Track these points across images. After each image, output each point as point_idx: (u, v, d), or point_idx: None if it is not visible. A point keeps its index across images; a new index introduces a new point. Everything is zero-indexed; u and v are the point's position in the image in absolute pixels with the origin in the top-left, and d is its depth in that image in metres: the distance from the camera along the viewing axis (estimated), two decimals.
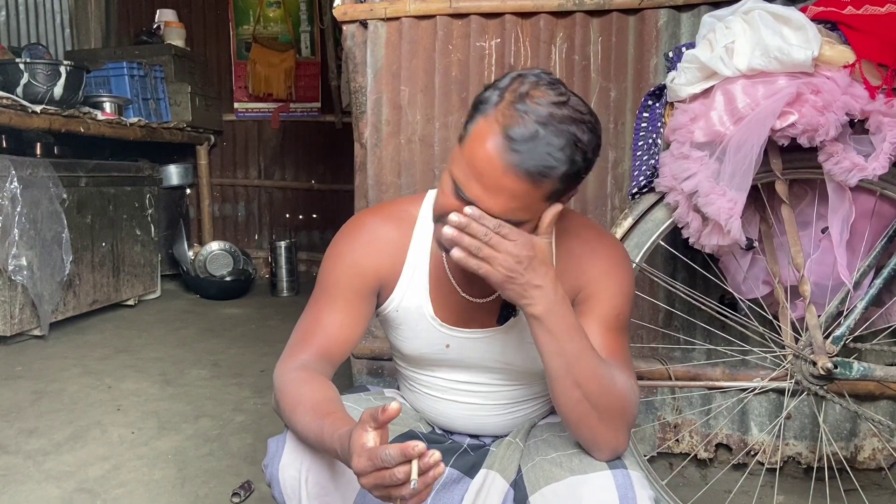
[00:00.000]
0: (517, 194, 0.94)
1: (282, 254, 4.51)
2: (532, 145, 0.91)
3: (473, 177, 0.95)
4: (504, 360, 1.18)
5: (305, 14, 5.00)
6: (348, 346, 1.15)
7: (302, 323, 1.16)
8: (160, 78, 4.35)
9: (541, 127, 0.92)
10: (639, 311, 1.88)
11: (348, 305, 1.14)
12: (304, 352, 1.11)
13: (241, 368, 2.87)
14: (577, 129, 0.94)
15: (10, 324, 3.00)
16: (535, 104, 0.93)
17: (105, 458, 2.01)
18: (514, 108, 0.93)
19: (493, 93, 0.97)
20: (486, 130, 0.94)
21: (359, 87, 2.01)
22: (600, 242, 1.16)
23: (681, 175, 1.48)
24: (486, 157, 0.93)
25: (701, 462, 1.96)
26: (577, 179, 0.98)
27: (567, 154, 0.93)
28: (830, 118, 1.35)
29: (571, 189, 0.99)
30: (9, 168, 2.92)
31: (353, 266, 1.15)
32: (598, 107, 1.90)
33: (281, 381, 1.08)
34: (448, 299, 1.16)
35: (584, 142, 0.95)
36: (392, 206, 1.22)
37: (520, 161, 0.92)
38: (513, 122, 0.92)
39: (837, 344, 1.50)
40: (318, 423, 0.96)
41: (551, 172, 0.93)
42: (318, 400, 1.01)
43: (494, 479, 1.10)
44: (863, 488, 1.75)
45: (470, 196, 0.96)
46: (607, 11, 1.87)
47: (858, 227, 1.51)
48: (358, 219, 1.21)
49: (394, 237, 1.17)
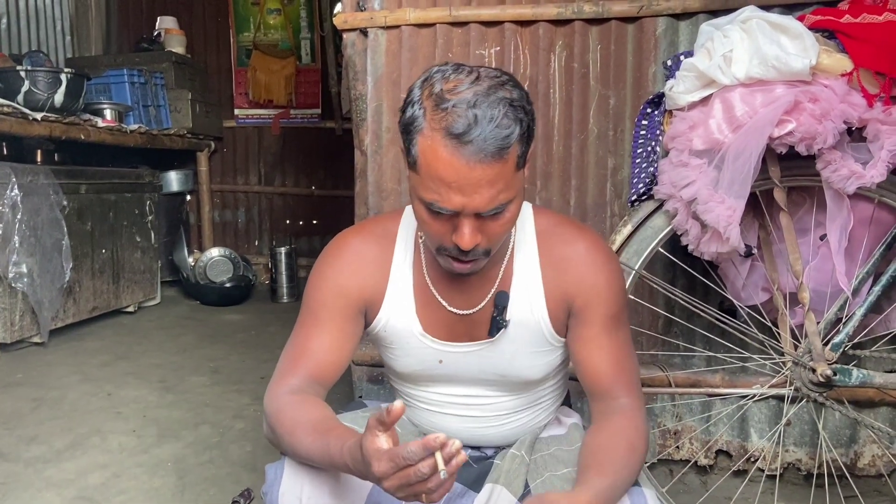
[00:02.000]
0: (493, 179, 0.93)
1: (282, 260, 4.51)
2: (479, 129, 0.91)
3: (447, 190, 0.94)
4: (499, 371, 1.16)
5: (306, 21, 5.02)
6: (338, 368, 1.14)
7: (289, 348, 1.15)
8: (161, 85, 4.36)
9: (475, 109, 0.91)
10: (639, 318, 1.89)
11: (335, 327, 1.13)
12: (294, 377, 1.10)
13: (242, 375, 2.87)
14: (505, 92, 0.94)
15: (10, 331, 2.99)
16: (455, 94, 0.93)
17: (105, 466, 2.01)
18: (440, 109, 0.93)
19: (413, 110, 0.96)
20: (432, 142, 0.93)
21: (359, 94, 2.02)
22: (582, 241, 1.14)
23: (680, 182, 1.48)
24: (447, 165, 0.92)
25: (701, 469, 1.96)
26: (532, 133, 0.98)
27: (511, 117, 0.93)
28: (828, 126, 1.36)
29: (531, 145, 0.99)
30: (9, 175, 2.92)
31: (338, 287, 1.14)
32: (597, 114, 1.91)
33: (273, 407, 1.06)
34: (435, 314, 1.15)
35: (517, 98, 0.95)
36: (372, 224, 1.21)
37: (478, 149, 0.91)
38: (449, 120, 0.92)
39: (836, 351, 1.51)
40: (321, 440, 0.95)
41: (509, 141, 0.93)
42: (317, 419, 1.00)
43: (501, 494, 1.08)
44: (863, 495, 1.75)
45: (452, 207, 0.95)
46: (606, 20, 1.88)
47: (857, 234, 1.52)
48: (340, 239, 1.19)
49: (376, 256, 1.16)
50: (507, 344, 1.14)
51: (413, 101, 0.97)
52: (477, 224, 0.97)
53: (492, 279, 1.13)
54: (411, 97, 0.97)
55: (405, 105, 0.98)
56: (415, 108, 0.96)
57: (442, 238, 1.00)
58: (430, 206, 0.97)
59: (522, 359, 1.15)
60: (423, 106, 0.95)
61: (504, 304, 1.12)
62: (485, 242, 1.00)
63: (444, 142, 0.92)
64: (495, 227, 0.99)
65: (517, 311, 1.13)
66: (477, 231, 0.98)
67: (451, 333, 1.15)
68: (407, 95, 0.99)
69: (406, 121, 0.97)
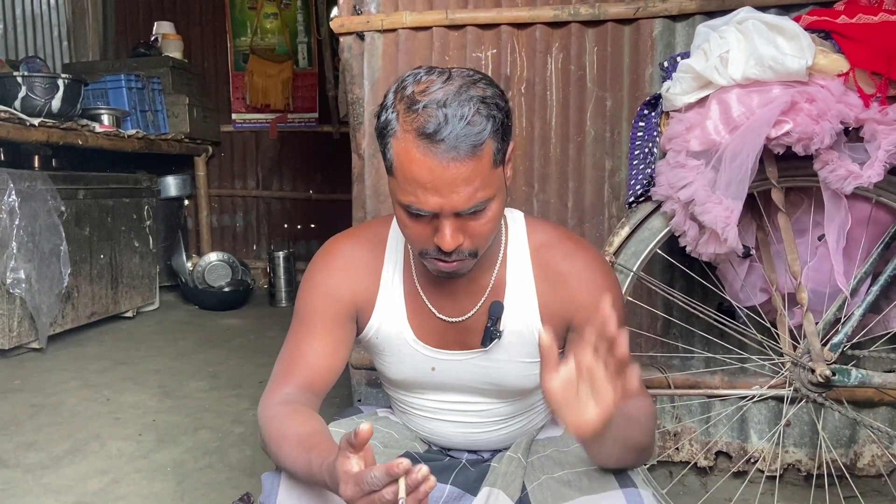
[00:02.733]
0: (469, 177, 0.93)
1: (280, 264, 4.51)
2: (450, 127, 0.90)
3: (423, 191, 0.94)
4: (492, 380, 1.16)
5: (302, 25, 5.03)
6: (331, 374, 1.13)
7: (282, 356, 1.14)
8: (158, 90, 4.37)
9: (445, 108, 0.91)
10: (637, 320, 1.89)
11: (328, 333, 1.12)
12: (287, 385, 1.09)
13: (240, 380, 2.86)
14: (477, 90, 0.94)
15: (9, 337, 2.99)
16: (426, 95, 0.93)
17: (104, 472, 2.01)
18: (412, 111, 0.93)
19: (387, 114, 0.96)
20: (406, 144, 0.93)
21: (356, 98, 2.02)
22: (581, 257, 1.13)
23: (677, 184, 1.49)
24: (422, 166, 0.92)
25: (701, 470, 1.96)
26: (508, 130, 0.98)
27: (483, 114, 0.93)
28: (825, 126, 1.36)
29: (508, 141, 0.99)
30: (7, 181, 2.92)
31: (329, 293, 1.13)
32: (594, 116, 1.91)
33: (264, 418, 1.06)
34: (426, 321, 1.15)
35: (490, 95, 0.95)
36: (363, 230, 1.21)
37: (450, 146, 0.91)
38: (420, 121, 0.92)
39: (835, 351, 1.51)
40: (305, 457, 0.94)
41: (481, 137, 0.92)
42: (304, 433, 0.99)
43: (498, 497, 1.08)
44: (862, 495, 1.75)
45: (430, 209, 0.94)
46: (602, 22, 1.88)
47: (855, 234, 1.52)
48: (330, 245, 1.19)
49: (367, 261, 1.16)
50: (501, 354, 1.14)
51: (387, 105, 0.97)
52: (458, 224, 0.97)
53: (482, 287, 1.13)
54: (385, 102, 0.98)
55: (380, 110, 0.98)
56: (388, 112, 0.96)
57: (424, 241, 1.00)
58: (409, 208, 0.97)
59: (516, 369, 1.14)
60: (395, 109, 0.95)
61: (498, 314, 1.11)
62: (469, 243, 0.99)
63: (417, 142, 0.92)
64: (477, 226, 0.98)
65: (511, 322, 1.12)
66: (458, 231, 0.97)
67: (443, 341, 1.15)
68: (382, 101, 0.99)
69: (381, 125, 0.97)
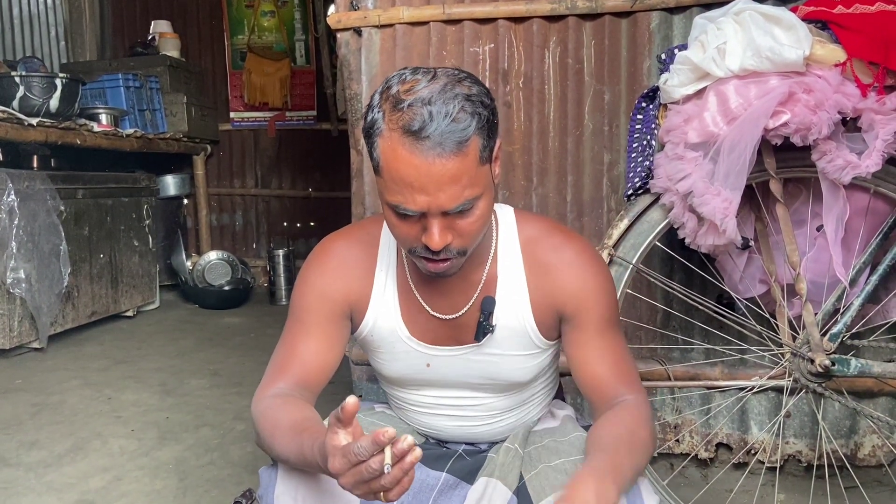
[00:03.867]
0: (455, 175, 0.92)
1: (280, 262, 4.51)
2: (435, 125, 0.90)
3: (410, 190, 0.93)
4: (487, 374, 1.16)
5: (300, 23, 5.02)
6: (325, 372, 1.13)
7: (277, 354, 1.15)
8: (156, 89, 4.36)
9: (430, 106, 0.91)
10: (637, 312, 1.89)
11: (322, 332, 1.13)
12: (281, 381, 1.09)
13: (241, 377, 2.87)
14: (462, 88, 0.94)
15: (9, 336, 2.99)
16: (411, 94, 0.93)
17: (106, 470, 2.01)
18: (398, 110, 0.93)
19: (373, 114, 0.96)
20: (391, 143, 0.93)
21: (354, 94, 2.02)
22: (570, 248, 1.13)
23: (675, 176, 1.49)
24: (408, 164, 0.92)
25: (701, 462, 1.96)
26: (493, 127, 0.98)
27: (468, 111, 0.93)
28: (823, 117, 1.36)
29: (494, 139, 0.99)
30: (6, 181, 2.92)
31: (323, 292, 1.14)
32: (592, 109, 1.91)
33: (258, 411, 1.06)
34: (419, 318, 1.15)
35: (475, 93, 0.95)
36: (356, 229, 1.22)
37: (435, 144, 0.91)
38: (405, 119, 0.92)
39: (835, 341, 1.51)
40: (296, 441, 0.94)
41: (466, 134, 0.92)
42: (296, 419, 0.99)
43: (496, 487, 1.08)
44: (863, 485, 1.75)
45: (417, 208, 0.94)
46: (600, 15, 1.88)
47: (853, 224, 1.52)
48: (324, 244, 1.19)
49: (360, 259, 1.16)
50: (494, 348, 1.14)
51: (373, 105, 0.97)
52: (446, 223, 0.97)
53: (474, 283, 1.13)
54: (371, 102, 0.98)
55: (366, 111, 0.98)
56: (374, 111, 0.96)
57: (412, 241, 1.00)
58: (397, 208, 0.97)
59: (510, 362, 1.15)
60: (381, 109, 0.95)
61: (490, 309, 1.12)
62: (457, 242, 0.99)
63: (402, 140, 0.92)
64: (465, 225, 0.98)
65: (503, 316, 1.13)
66: (446, 230, 0.97)
67: (437, 337, 1.15)
68: (369, 102, 0.99)
69: (367, 126, 0.97)
